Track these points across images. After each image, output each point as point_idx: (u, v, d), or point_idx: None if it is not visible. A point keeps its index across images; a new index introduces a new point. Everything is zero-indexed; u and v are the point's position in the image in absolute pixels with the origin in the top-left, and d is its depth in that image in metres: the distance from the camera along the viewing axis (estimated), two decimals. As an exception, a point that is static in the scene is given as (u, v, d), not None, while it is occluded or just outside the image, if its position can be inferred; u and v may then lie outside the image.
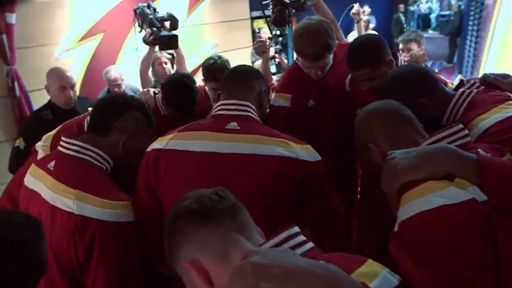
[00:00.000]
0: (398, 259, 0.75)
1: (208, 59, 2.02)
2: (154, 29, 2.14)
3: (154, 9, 2.21)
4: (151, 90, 1.88)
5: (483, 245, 0.72)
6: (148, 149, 1.16)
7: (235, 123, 1.14)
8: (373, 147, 1.00)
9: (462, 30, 6.48)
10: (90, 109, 1.36)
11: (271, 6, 1.92)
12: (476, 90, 1.19)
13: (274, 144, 1.10)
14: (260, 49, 2.25)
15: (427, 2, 10.45)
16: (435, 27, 9.93)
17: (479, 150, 0.88)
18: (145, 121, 1.23)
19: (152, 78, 2.68)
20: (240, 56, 5.52)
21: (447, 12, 8.86)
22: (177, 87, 1.69)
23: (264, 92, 1.27)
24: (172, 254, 0.70)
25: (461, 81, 1.30)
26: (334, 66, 1.71)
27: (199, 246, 0.67)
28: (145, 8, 2.23)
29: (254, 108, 1.19)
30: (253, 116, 1.18)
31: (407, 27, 9.07)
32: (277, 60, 4.73)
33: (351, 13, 2.75)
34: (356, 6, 2.77)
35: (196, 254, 0.66)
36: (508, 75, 1.25)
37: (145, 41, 2.21)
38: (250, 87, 1.23)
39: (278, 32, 2.03)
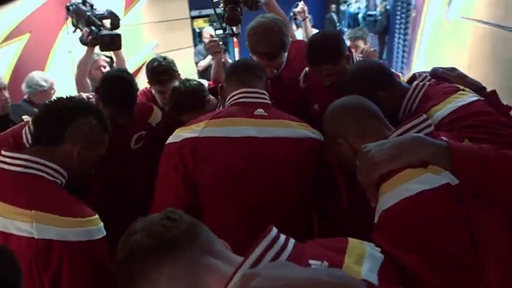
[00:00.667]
0: (384, 248, 0.73)
1: (152, 60, 1.91)
2: (93, 27, 1.96)
3: (92, 6, 2.02)
4: (84, 94, 1.73)
5: (462, 225, 0.75)
6: (178, 139, 1.12)
7: (261, 110, 1.18)
8: (343, 142, 1.00)
9: (390, 28, 6.91)
10: (25, 117, 1.19)
11: (222, 5, 1.85)
12: (428, 83, 1.24)
13: (300, 127, 1.18)
14: (213, 49, 2.17)
15: (356, 1, 11.02)
16: (363, 26, 10.57)
17: (443, 138, 0.90)
18: (100, 126, 1.11)
19: (90, 84, 2.47)
20: (182, 56, 5.36)
21: (374, 12, 9.36)
22: (114, 81, 1.54)
23: (267, 82, 1.32)
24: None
25: (414, 75, 1.36)
26: (288, 63, 1.69)
27: (167, 285, 0.59)
28: (81, 5, 2.04)
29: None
30: (270, 103, 1.24)
31: (340, 26, 9.48)
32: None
33: (296, 11, 2.78)
34: (301, 4, 2.79)
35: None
36: (454, 69, 1.31)
37: (82, 42, 2.01)
38: (259, 76, 1.27)
39: (231, 31, 1.96)
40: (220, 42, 2.07)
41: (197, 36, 6.07)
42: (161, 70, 1.85)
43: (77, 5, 2.02)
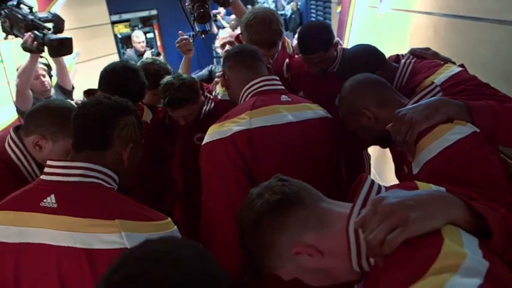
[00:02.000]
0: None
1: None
2: (37, 32, 1.75)
3: (31, 9, 1.80)
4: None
5: (498, 159, 0.91)
6: (227, 134, 1.12)
7: (285, 96, 1.25)
8: (367, 112, 1.12)
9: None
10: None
11: (188, 3, 1.80)
12: (413, 60, 1.39)
13: (317, 108, 1.29)
14: (185, 47, 2.08)
15: (263, 3, 11.44)
16: None
17: None
18: (139, 124, 1.05)
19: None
20: (106, 64, 5.03)
21: (282, 12, 9.84)
22: (123, 70, 1.49)
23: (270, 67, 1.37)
24: (265, 255, 0.72)
25: (397, 55, 1.51)
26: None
27: (298, 228, 0.70)
28: (15, 8, 1.80)
29: None
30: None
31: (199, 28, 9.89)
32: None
33: (215, 13, 2.84)
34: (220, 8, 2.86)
35: (297, 237, 0.70)
36: (428, 48, 1.51)
37: (26, 48, 1.77)
38: (263, 62, 1.32)
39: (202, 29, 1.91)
40: (191, 40, 2.01)
41: (119, 42, 5.74)
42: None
43: (11, 8, 1.78)
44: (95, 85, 1.64)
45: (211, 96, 1.89)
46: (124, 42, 6.45)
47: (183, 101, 1.69)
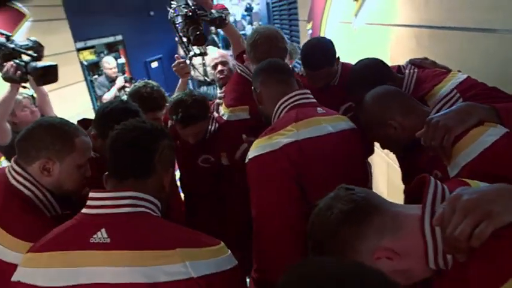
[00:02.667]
0: None
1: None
2: (17, 60, 1.65)
3: (8, 37, 1.70)
4: None
5: None
6: (277, 146, 1.13)
7: (320, 109, 1.28)
8: (394, 122, 1.16)
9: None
10: None
11: (180, 27, 1.77)
12: (416, 70, 1.42)
13: (346, 120, 1.32)
14: (183, 71, 2.04)
15: None
16: None
17: None
18: (173, 148, 1.02)
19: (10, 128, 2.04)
20: (75, 92, 4.83)
21: (243, 32, 10.04)
22: (123, 113, 1.39)
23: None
24: None
25: (399, 66, 1.53)
26: None
27: (376, 234, 0.71)
28: (-10, 37, 1.69)
29: None
30: None
31: (221, 46, 9.96)
32: (127, 89, 4.37)
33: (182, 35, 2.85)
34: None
35: (376, 243, 0.71)
36: (427, 58, 1.56)
37: (8, 78, 1.65)
38: (293, 77, 1.35)
39: (198, 51, 1.88)
40: (188, 63, 1.98)
41: (86, 69, 5.56)
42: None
43: (-15, 37, 1.67)
44: (64, 114, 1.55)
45: (216, 116, 1.85)
46: (90, 69, 6.26)
47: (196, 117, 1.67)
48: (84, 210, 0.91)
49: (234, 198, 1.85)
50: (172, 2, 1.94)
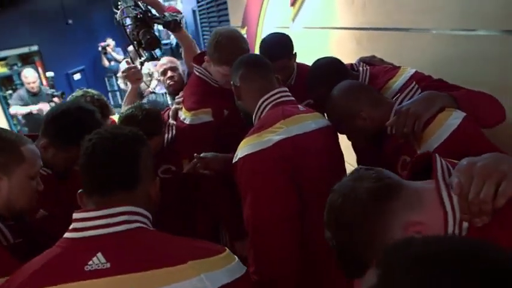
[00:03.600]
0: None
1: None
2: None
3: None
4: None
5: None
6: (269, 144, 1.13)
7: (300, 106, 1.29)
8: (363, 113, 1.23)
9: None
10: None
11: (130, 29, 1.69)
12: (367, 67, 1.54)
13: (323, 117, 1.35)
14: (134, 76, 1.91)
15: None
16: (162, 54, 11.03)
17: None
18: (152, 155, 0.95)
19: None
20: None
21: (168, 41, 9.92)
22: (80, 113, 1.33)
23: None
24: (376, 244, 0.72)
25: (351, 64, 1.63)
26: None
27: (404, 210, 0.73)
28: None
29: None
30: None
31: (146, 55, 9.67)
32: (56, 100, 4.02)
33: (104, 45, 2.78)
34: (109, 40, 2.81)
35: (405, 218, 0.72)
36: (374, 56, 1.69)
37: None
38: (274, 74, 1.34)
39: (150, 56, 1.79)
40: (139, 68, 1.87)
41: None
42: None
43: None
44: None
45: (172, 123, 1.78)
46: (2, 83, 5.63)
47: (149, 134, 1.56)
48: (68, 235, 0.80)
49: (202, 207, 1.81)
50: (119, 3, 1.83)
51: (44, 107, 3.98)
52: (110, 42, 8.35)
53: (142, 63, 1.89)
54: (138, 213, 0.82)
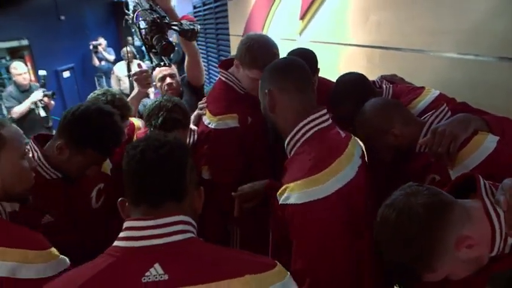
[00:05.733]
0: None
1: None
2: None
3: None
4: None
5: None
6: (333, 190, 1.02)
7: (340, 132, 1.20)
8: (395, 130, 1.24)
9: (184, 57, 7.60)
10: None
11: (143, 34, 1.65)
12: (390, 85, 1.57)
13: (357, 140, 1.28)
14: (145, 81, 1.88)
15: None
16: (170, 60, 11.06)
17: None
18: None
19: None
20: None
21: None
22: (98, 114, 1.31)
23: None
24: (431, 257, 0.77)
25: (373, 81, 1.65)
26: None
27: (458, 224, 0.78)
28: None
29: None
30: None
31: (138, 57, 9.64)
32: (43, 102, 3.89)
33: (95, 44, 2.76)
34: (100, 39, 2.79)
35: (459, 232, 0.78)
36: (395, 75, 1.72)
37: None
38: (312, 85, 1.24)
39: (163, 62, 1.76)
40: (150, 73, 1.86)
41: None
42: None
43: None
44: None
45: (194, 128, 1.75)
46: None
47: (179, 122, 1.55)
48: (120, 244, 0.77)
49: (212, 215, 1.78)
50: (135, 5, 1.81)
51: (38, 95, 3.86)
52: (102, 41, 8.23)
53: (154, 68, 1.86)
54: (190, 223, 0.81)
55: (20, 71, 4.02)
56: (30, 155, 1.28)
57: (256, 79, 1.50)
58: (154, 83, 2.32)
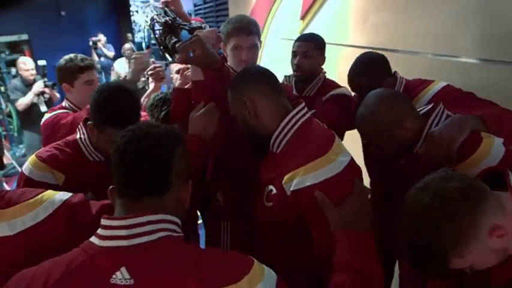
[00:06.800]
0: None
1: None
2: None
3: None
4: None
5: None
6: (343, 166, 1.06)
7: (320, 123, 1.22)
8: (408, 124, 1.21)
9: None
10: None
11: (155, 34, 1.71)
12: (403, 78, 1.61)
13: None
14: (159, 75, 1.92)
15: (139, 31, 11.42)
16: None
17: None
18: (188, 154, 0.88)
19: None
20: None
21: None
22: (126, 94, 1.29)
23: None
24: (463, 242, 0.77)
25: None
26: None
27: (491, 212, 0.78)
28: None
29: None
30: None
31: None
32: (47, 95, 3.92)
33: (95, 40, 2.81)
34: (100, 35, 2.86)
35: (492, 220, 0.77)
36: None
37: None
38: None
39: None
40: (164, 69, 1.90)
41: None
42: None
43: None
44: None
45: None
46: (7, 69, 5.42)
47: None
48: (94, 240, 0.76)
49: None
50: (152, 11, 1.90)
51: (39, 85, 3.90)
52: (102, 37, 8.23)
53: (167, 65, 1.92)
54: (167, 221, 0.78)
55: (28, 66, 4.09)
56: (78, 136, 1.33)
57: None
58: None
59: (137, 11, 11.21)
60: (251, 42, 1.62)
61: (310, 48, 1.84)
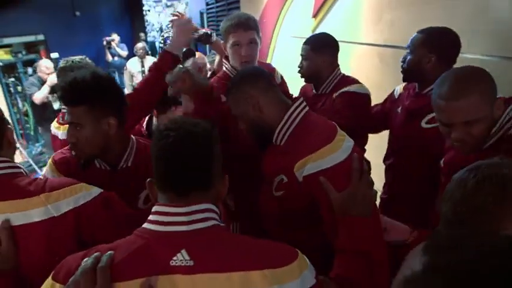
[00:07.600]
0: None
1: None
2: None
3: None
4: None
5: None
6: (350, 150, 1.13)
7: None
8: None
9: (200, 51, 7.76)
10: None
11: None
12: None
13: None
14: (186, 26, 1.78)
15: (152, 31, 11.54)
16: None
17: None
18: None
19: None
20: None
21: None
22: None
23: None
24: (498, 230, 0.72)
25: None
26: None
27: None
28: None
29: None
30: None
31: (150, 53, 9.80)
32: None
33: (109, 40, 2.88)
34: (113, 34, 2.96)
35: None
36: None
37: None
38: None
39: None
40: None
41: (0, 70, 4.91)
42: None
43: None
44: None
45: None
46: (6, 70, 5.55)
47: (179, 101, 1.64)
48: (150, 226, 0.80)
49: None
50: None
51: (53, 78, 3.99)
52: (115, 37, 8.32)
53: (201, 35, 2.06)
54: (215, 211, 0.83)
55: (50, 70, 4.24)
56: None
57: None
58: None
59: (149, 10, 11.32)
60: (250, 37, 1.63)
61: (305, 51, 1.85)
